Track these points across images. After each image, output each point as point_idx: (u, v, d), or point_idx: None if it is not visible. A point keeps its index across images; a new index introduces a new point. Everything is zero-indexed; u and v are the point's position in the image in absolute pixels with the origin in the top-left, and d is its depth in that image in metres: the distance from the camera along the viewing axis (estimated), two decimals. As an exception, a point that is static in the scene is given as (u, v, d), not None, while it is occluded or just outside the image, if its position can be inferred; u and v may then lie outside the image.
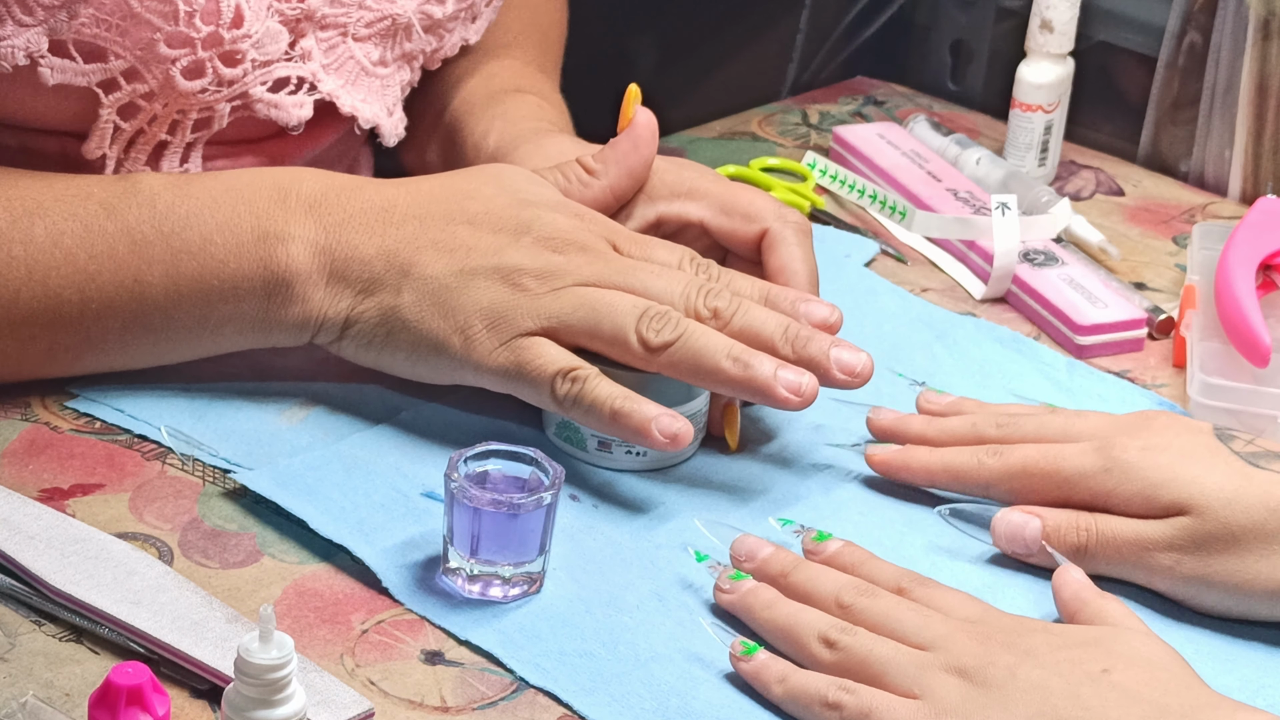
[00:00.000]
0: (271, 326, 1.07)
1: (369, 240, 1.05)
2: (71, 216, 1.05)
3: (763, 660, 0.93)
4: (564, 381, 1.02)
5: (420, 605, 0.97)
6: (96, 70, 1.08)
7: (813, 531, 1.02)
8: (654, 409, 1.01)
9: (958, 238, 1.32)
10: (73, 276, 1.05)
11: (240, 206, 1.06)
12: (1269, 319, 1.19)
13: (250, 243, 1.05)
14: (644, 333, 1.02)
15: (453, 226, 1.06)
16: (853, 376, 1.04)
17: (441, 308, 1.04)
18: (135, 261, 1.05)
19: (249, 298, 1.05)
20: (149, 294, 1.05)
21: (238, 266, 1.05)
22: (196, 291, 1.05)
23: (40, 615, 0.94)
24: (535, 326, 1.03)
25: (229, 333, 1.07)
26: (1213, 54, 1.45)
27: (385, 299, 1.05)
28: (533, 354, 1.03)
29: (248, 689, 0.81)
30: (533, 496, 0.96)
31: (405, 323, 1.05)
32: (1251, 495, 0.99)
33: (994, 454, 1.06)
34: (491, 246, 1.05)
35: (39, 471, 1.04)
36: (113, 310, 1.05)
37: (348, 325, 1.06)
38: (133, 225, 1.05)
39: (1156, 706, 0.87)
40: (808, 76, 1.65)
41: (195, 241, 1.05)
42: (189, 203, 1.06)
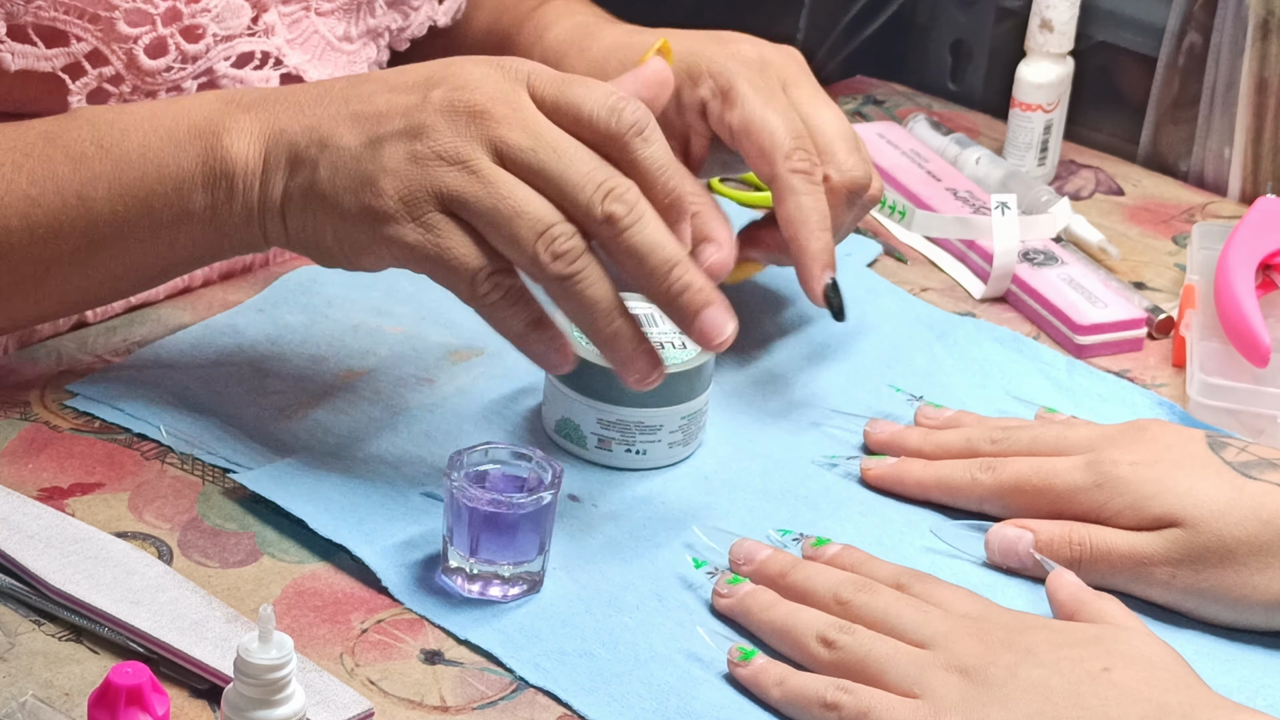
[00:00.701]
0: (222, 224, 1.03)
1: (297, 119, 1.01)
2: (11, 149, 1.04)
3: (760, 664, 0.93)
4: (486, 282, 0.98)
5: (420, 605, 0.97)
6: (59, 55, 1.08)
7: (812, 538, 1.02)
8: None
9: (957, 237, 1.32)
10: (16, 204, 1.03)
11: (180, 114, 1.03)
12: (1269, 319, 1.19)
13: (188, 140, 1.02)
14: (541, 254, 0.96)
15: (374, 96, 1.01)
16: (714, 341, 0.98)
17: (353, 179, 0.99)
18: (77, 179, 1.03)
19: (192, 195, 1.02)
20: (95, 210, 1.03)
21: (177, 165, 1.02)
22: (140, 199, 1.03)
23: (40, 615, 0.94)
24: (440, 203, 0.98)
25: (182, 240, 1.04)
26: (1213, 54, 1.45)
27: (305, 175, 1.00)
28: (448, 241, 0.98)
29: (247, 689, 0.81)
30: (533, 496, 0.96)
31: (323, 197, 1.00)
32: (1244, 508, 0.99)
33: (987, 469, 1.06)
34: (401, 107, 0.99)
35: (38, 471, 1.04)
36: (60, 232, 1.03)
37: (283, 209, 1.02)
38: (72, 144, 1.03)
39: (1157, 706, 0.87)
40: (807, 76, 1.65)
41: (134, 150, 1.03)
42: (127, 117, 1.04)
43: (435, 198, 0.97)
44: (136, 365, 1.12)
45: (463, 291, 0.99)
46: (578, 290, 0.97)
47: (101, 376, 1.11)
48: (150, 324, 1.17)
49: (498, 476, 0.98)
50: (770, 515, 1.05)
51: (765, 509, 1.06)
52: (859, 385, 1.16)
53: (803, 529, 1.04)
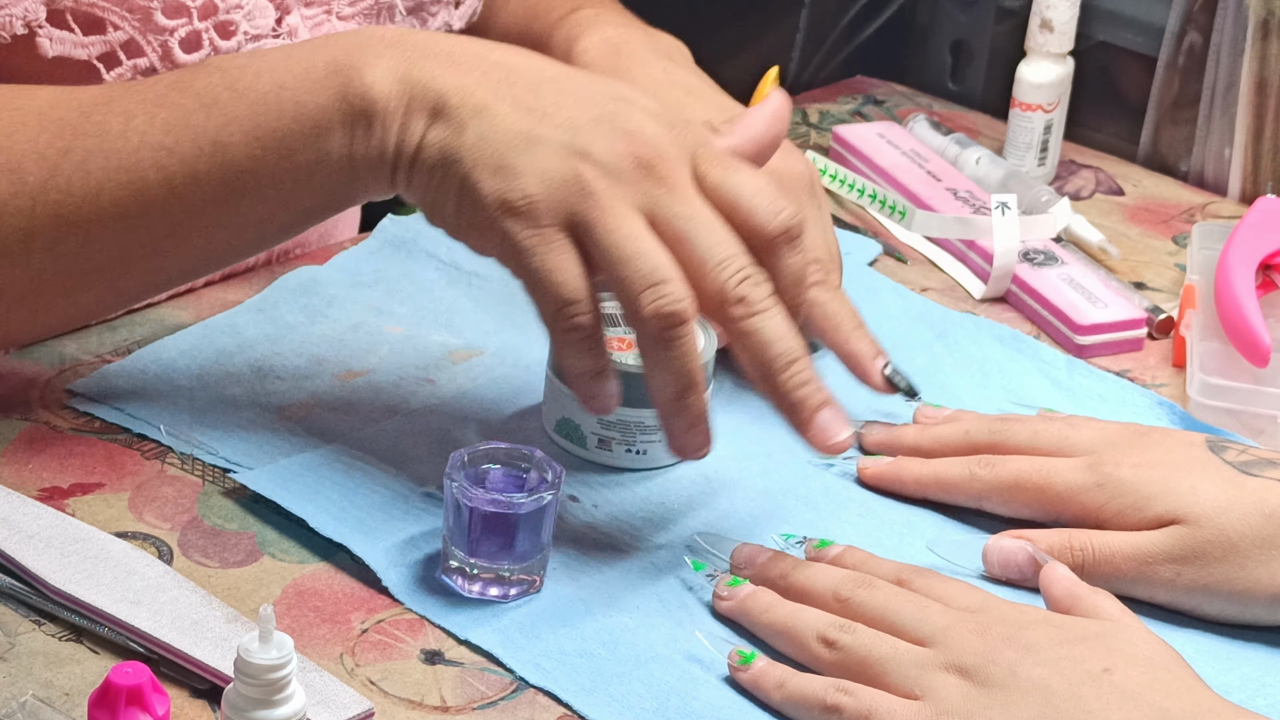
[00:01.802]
0: (356, 165, 1.00)
1: (451, 74, 0.99)
2: (143, 100, 1.01)
3: (760, 668, 0.93)
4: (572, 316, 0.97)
5: (420, 605, 0.97)
6: (96, 42, 1.08)
7: (814, 540, 1.02)
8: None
9: (957, 237, 1.32)
10: (152, 156, 1.00)
11: (315, 51, 1.01)
12: (1269, 319, 1.19)
13: (324, 78, 0.99)
14: (645, 304, 0.96)
15: (540, 88, 0.99)
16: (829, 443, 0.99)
17: (497, 159, 0.97)
18: (212, 125, 1.00)
19: (330, 134, 0.99)
20: (232, 155, 1.00)
21: (315, 104, 0.99)
22: (277, 140, 1.00)
23: (40, 615, 0.94)
24: (567, 223, 0.96)
25: (319, 183, 1.01)
26: (1213, 54, 1.45)
27: (450, 134, 0.98)
28: (556, 262, 0.96)
29: (247, 689, 0.81)
30: (533, 496, 0.96)
31: (459, 162, 0.97)
32: (1246, 503, 0.99)
33: (986, 466, 1.06)
34: (569, 120, 0.98)
35: (39, 471, 1.04)
36: (197, 180, 1.00)
37: (416, 158, 0.99)
38: (203, 91, 1.01)
39: (1158, 710, 0.87)
40: (807, 76, 1.65)
41: (269, 91, 1.00)
42: (260, 60, 1.02)
43: (567, 216, 0.96)
44: (136, 365, 1.12)
45: (547, 314, 0.97)
46: (670, 353, 0.96)
47: (101, 376, 1.11)
48: (150, 324, 1.17)
49: (498, 476, 0.98)
50: (770, 516, 1.05)
51: (765, 509, 1.06)
52: (859, 385, 1.16)
53: (803, 530, 1.04)
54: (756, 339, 0.97)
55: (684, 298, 0.96)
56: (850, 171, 1.37)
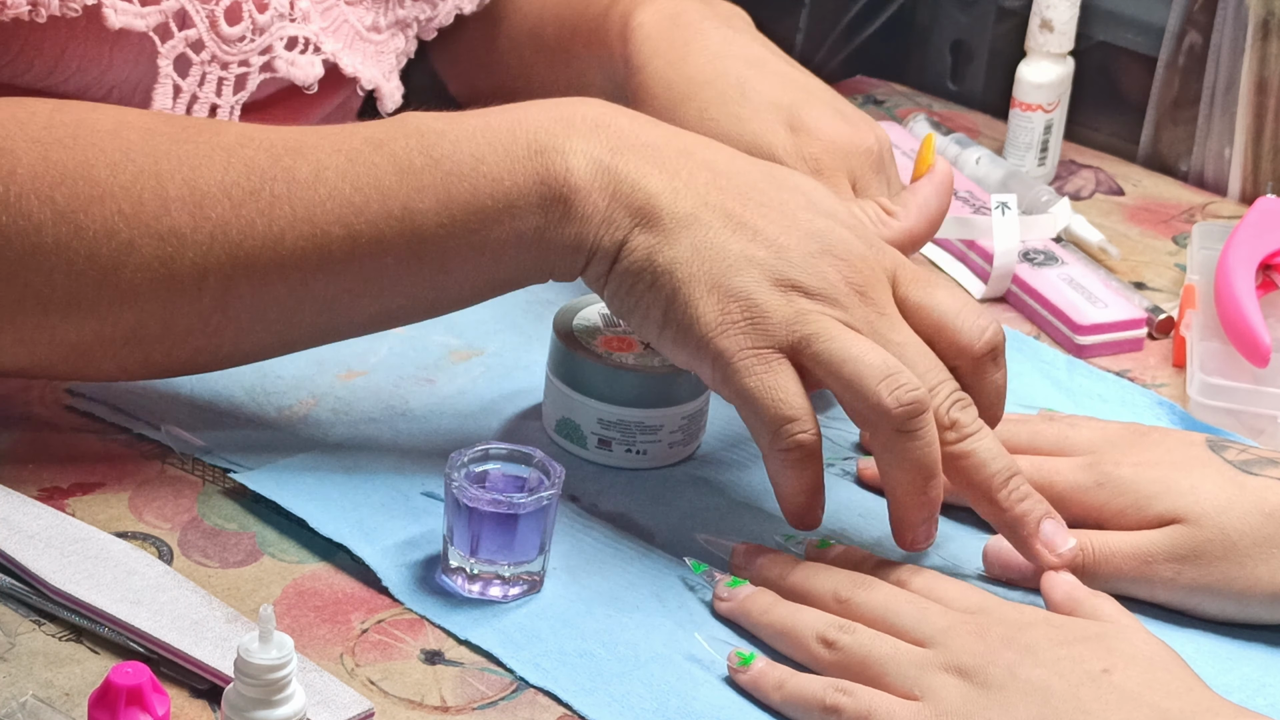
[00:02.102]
0: (548, 247, 0.98)
1: (657, 173, 0.98)
2: (335, 152, 0.99)
3: (759, 669, 0.93)
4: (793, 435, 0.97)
5: (420, 605, 0.97)
6: (153, 12, 1.06)
7: (814, 541, 1.02)
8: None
9: (958, 237, 1.32)
10: (338, 211, 0.98)
11: (516, 127, 0.99)
12: (1269, 319, 1.19)
13: (525, 157, 0.98)
14: (886, 397, 0.95)
15: (748, 201, 0.99)
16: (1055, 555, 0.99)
17: (711, 277, 0.96)
18: (404, 190, 0.98)
19: (525, 214, 0.98)
20: (420, 223, 0.98)
21: (512, 182, 0.98)
22: (470, 214, 0.98)
23: (40, 615, 0.94)
24: (786, 343, 0.96)
25: (507, 259, 0.99)
26: (1213, 54, 1.45)
27: (660, 243, 0.97)
28: (775, 381, 0.96)
29: (247, 689, 0.81)
30: (533, 496, 0.96)
31: (672, 276, 0.97)
32: (1246, 502, 0.99)
33: None
34: (779, 242, 0.97)
35: (39, 471, 1.04)
36: (383, 244, 0.98)
37: (618, 259, 0.98)
38: (399, 153, 0.99)
39: (1157, 710, 0.87)
40: (807, 76, 1.65)
41: (466, 163, 0.98)
42: (459, 128, 0.99)
43: (786, 337, 0.96)
44: (136, 365, 1.12)
45: (766, 433, 0.97)
46: (913, 443, 0.96)
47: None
48: (150, 324, 1.17)
49: (498, 476, 0.98)
50: (770, 516, 1.05)
51: (765, 509, 1.06)
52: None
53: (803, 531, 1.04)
54: (972, 460, 0.98)
55: (920, 386, 0.96)
56: (850, 171, 1.37)
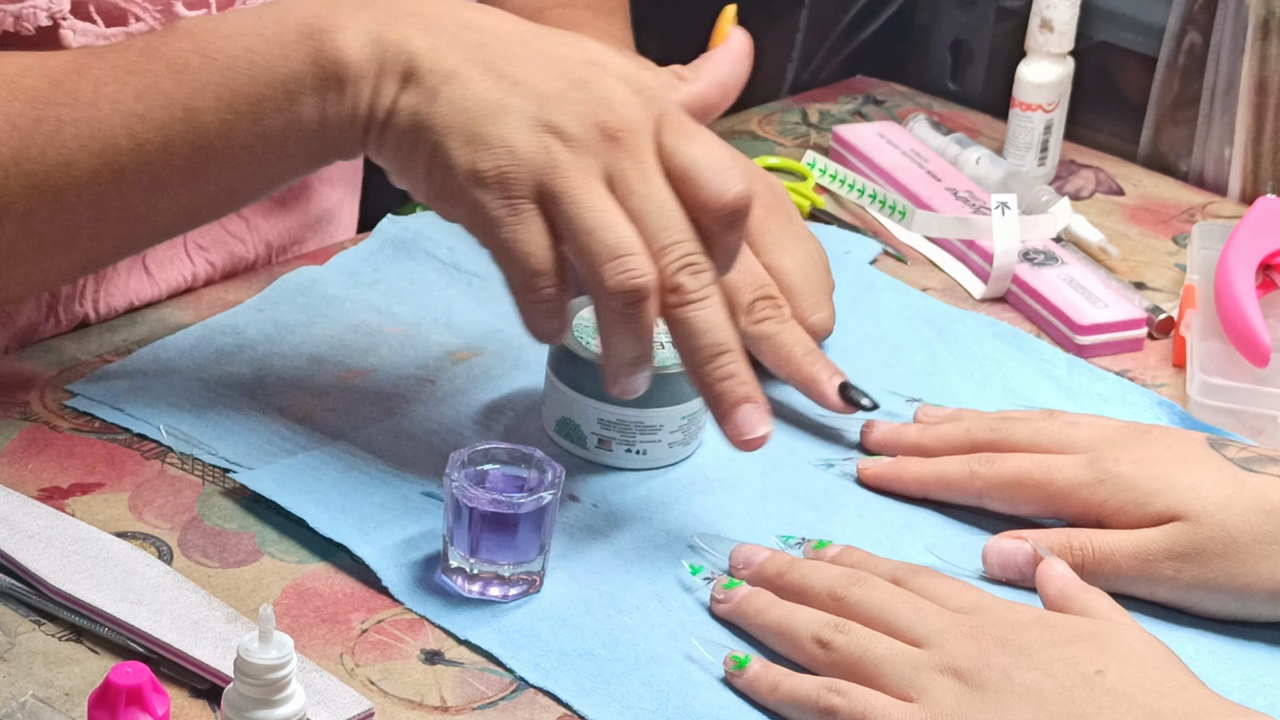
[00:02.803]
0: (328, 128, 1.00)
1: (422, 36, 0.99)
2: (114, 67, 1.00)
3: (755, 671, 0.93)
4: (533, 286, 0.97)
5: (420, 605, 0.97)
6: (118, 34, 1.07)
7: (813, 541, 1.02)
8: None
9: (958, 237, 1.32)
10: (123, 122, 1.00)
11: (286, 15, 1.00)
12: (1269, 319, 1.19)
13: (296, 41, 0.99)
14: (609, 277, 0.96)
15: (512, 55, 0.99)
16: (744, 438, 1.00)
17: (468, 128, 0.97)
18: (183, 90, 0.99)
19: (302, 97, 0.99)
20: (203, 120, 0.99)
21: (287, 68, 0.99)
22: (249, 105, 0.99)
23: (40, 615, 0.94)
24: (536, 194, 0.97)
25: (291, 147, 1.00)
26: (1213, 54, 1.45)
27: (422, 100, 0.98)
28: (525, 234, 0.97)
29: (247, 689, 0.81)
30: (532, 496, 0.96)
31: (431, 129, 0.97)
32: (1246, 499, 0.99)
33: (986, 463, 1.06)
34: (540, 88, 0.98)
35: (38, 471, 1.04)
36: (169, 147, 1.00)
37: (388, 123, 0.99)
38: (175, 57, 1.00)
39: (1150, 711, 0.87)
40: (807, 76, 1.65)
41: (241, 56, 0.99)
42: (231, 24, 1.01)
43: (536, 187, 0.97)
44: (136, 365, 1.12)
45: (515, 284, 0.98)
46: (630, 326, 0.97)
47: (101, 376, 1.11)
48: (150, 324, 1.17)
49: (498, 476, 0.98)
50: (770, 516, 1.05)
51: (765, 510, 1.06)
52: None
53: (802, 531, 1.04)
54: (687, 328, 0.98)
55: (647, 273, 0.96)
56: (850, 171, 1.37)
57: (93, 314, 1.18)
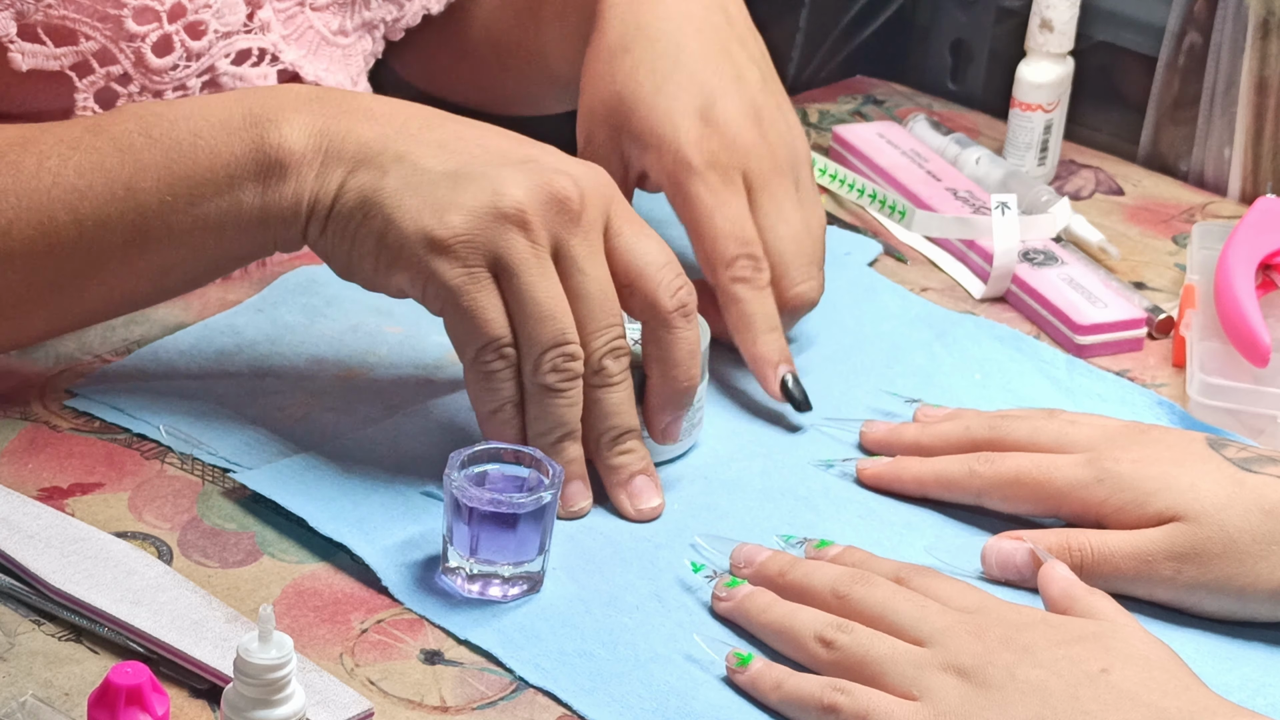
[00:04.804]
0: (269, 214, 1.02)
1: (369, 127, 1.02)
2: (59, 141, 1.02)
3: (758, 669, 0.93)
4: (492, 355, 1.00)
5: (420, 605, 0.97)
6: (68, 53, 1.08)
7: (814, 540, 1.02)
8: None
9: (957, 237, 1.32)
10: (63, 197, 1.01)
11: (234, 104, 1.02)
12: (1269, 319, 1.19)
13: (241, 128, 1.01)
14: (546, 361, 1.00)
15: (460, 137, 1.02)
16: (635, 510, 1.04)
17: (421, 200, 0.99)
18: (125, 170, 1.01)
19: (244, 184, 1.01)
20: (143, 201, 1.01)
21: (229, 153, 1.01)
22: (190, 188, 1.01)
23: (40, 615, 0.94)
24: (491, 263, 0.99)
25: (230, 233, 1.02)
26: (1213, 54, 1.45)
27: (373, 178, 1.00)
28: (485, 301, 1.00)
29: (247, 689, 0.81)
30: (532, 496, 0.96)
31: (383, 205, 0.99)
32: (1246, 500, 0.99)
33: (986, 463, 1.06)
34: (494, 162, 1.01)
35: (38, 470, 1.04)
36: (108, 225, 1.02)
37: (334, 206, 1.01)
38: (120, 136, 1.02)
39: (1155, 710, 0.87)
40: (807, 75, 1.65)
41: (185, 139, 1.01)
42: (178, 109, 1.03)
43: (493, 256, 0.99)
44: (136, 365, 1.12)
45: (468, 351, 1.01)
46: (555, 406, 1.01)
47: (101, 376, 1.11)
48: (150, 324, 1.17)
49: (498, 476, 0.98)
50: (770, 516, 1.05)
51: (765, 510, 1.06)
52: (858, 386, 1.16)
53: (803, 531, 1.04)
54: (601, 408, 1.03)
55: (580, 359, 1.01)
56: (850, 171, 1.37)
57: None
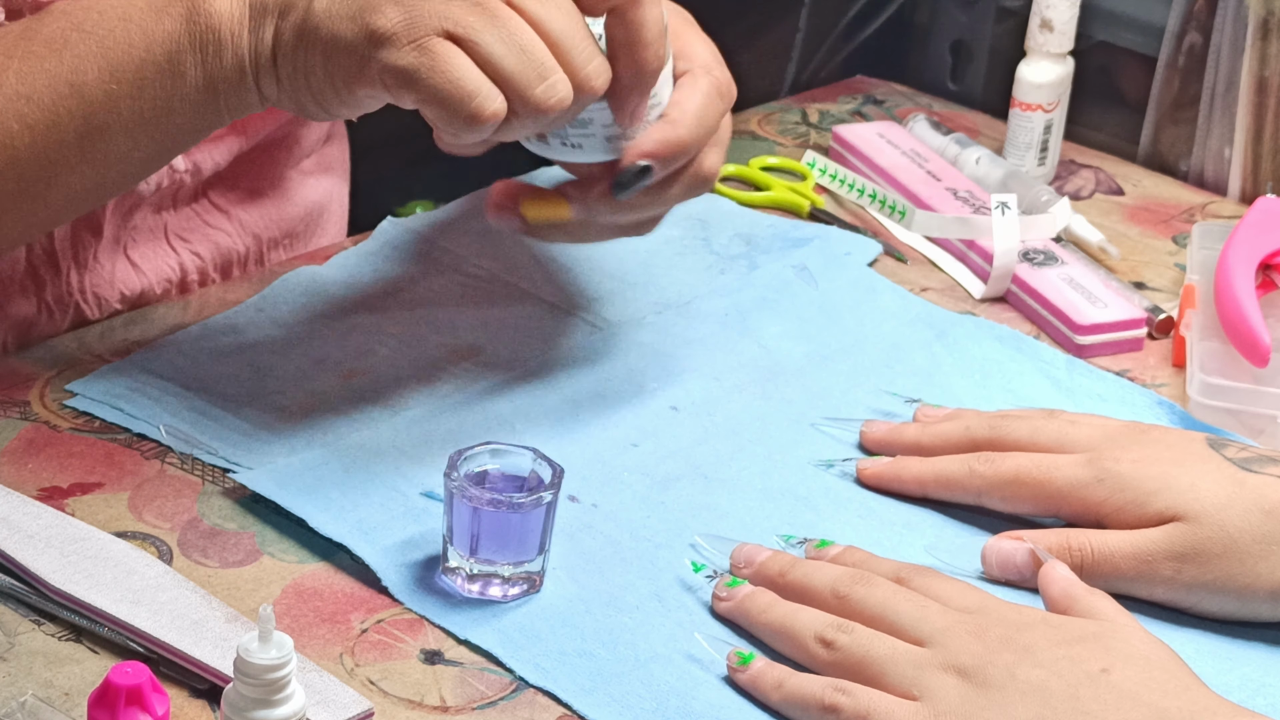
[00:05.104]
0: (215, 86, 1.01)
1: None
2: None
3: (759, 669, 0.93)
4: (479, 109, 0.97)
5: (420, 605, 0.97)
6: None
7: (815, 540, 1.02)
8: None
9: (957, 237, 1.32)
10: (10, 105, 1.01)
11: None
12: (1269, 319, 1.19)
13: (169, 4, 1.00)
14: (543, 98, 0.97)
15: None
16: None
17: (352, 5, 0.97)
18: (65, 67, 1.01)
19: (183, 59, 1.00)
20: (88, 94, 1.01)
21: (163, 32, 1.00)
22: (131, 72, 1.01)
23: (40, 615, 0.94)
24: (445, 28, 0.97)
25: (179, 109, 1.02)
26: (1213, 54, 1.45)
27: (298, 12, 0.99)
28: (447, 64, 0.96)
29: (247, 689, 0.81)
30: (532, 496, 0.96)
31: (317, 28, 0.98)
32: (1246, 499, 0.99)
33: (986, 462, 1.06)
34: None
35: (38, 470, 1.04)
36: (59, 123, 1.02)
37: (274, 54, 1.00)
38: (53, 35, 1.02)
39: (1155, 709, 0.87)
40: (807, 75, 1.65)
41: (116, 25, 1.01)
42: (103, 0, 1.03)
43: (442, 30, 0.97)
44: (136, 365, 1.12)
45: (460, 117, 0.97)
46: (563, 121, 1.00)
47: (101, 376, 1.11)
48: (150, 324, 1.17)
49: (498, 476, 0.98)
50: (770, 516, 1.05)
51: (765, 509, 1.06)
52: (858, 386, 1.16)
53: (803, 531, 1.04)
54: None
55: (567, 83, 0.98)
56: (850, 171, 1.37)
57: (83, 304, 1.18)
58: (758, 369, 1.17)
